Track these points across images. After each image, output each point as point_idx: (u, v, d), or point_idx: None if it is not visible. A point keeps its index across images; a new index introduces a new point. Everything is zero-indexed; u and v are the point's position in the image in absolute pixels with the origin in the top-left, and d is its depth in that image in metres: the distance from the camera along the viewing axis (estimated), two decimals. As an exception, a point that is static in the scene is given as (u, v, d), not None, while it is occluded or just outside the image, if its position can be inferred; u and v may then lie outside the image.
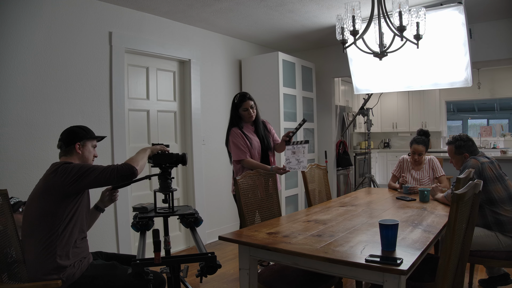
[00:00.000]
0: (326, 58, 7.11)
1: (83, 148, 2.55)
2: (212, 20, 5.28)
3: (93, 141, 2.65)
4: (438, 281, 1.90)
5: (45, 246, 2.27)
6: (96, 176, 2.29)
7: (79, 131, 2.57)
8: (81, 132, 2.57)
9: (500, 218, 3.08)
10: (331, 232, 2.50)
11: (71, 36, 4.09)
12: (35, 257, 2.27)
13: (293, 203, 6.43)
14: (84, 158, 2.57)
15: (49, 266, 2.26)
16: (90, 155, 2.61)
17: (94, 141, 2.66)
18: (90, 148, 2.61)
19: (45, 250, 2.27)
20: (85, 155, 2.57)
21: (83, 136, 2.56)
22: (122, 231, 4.46)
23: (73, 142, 2.52)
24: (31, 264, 2.29)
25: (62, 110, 4.00)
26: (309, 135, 6.88)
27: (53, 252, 2.27)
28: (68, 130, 2.59)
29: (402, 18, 3.14)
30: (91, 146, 2.62)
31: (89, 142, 2.61)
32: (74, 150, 2.52)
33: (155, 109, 5.09)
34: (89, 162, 2.60)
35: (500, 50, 5.43)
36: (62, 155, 2.55)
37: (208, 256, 2.20)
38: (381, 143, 10.98)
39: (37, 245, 2.27)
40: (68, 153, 2.53)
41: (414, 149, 4.17)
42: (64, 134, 2.57)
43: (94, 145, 2.66)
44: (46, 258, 2.26)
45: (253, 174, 3.30)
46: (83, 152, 2.55)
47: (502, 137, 10.00)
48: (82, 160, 2.56)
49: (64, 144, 2.53)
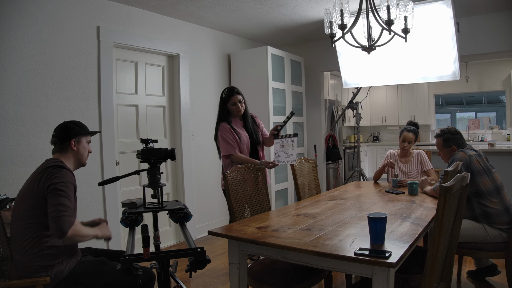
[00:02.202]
0: (315, 52, 7.11)
1: (78, 145, 2.52)
2: (201, 14, 5.25)
3: (87, 136, 2.61)
4: (427, 273, 1.92)
5: (33, 244, 2.24)
6: (53, 204, 2.18)
7: (73, 127, 2.52)
8: (76, 128, 2.52)
9: (487, 210, 3.11)
10: (321, 226, 2.51)
11: (58, 31, 4.04)
12: (23, 255, 2.25)
13: (283, 197, 6.45)
14: (79, 154, 2.54)
15: (37, 263, 2.24)
16: (85, 151, 2.58)
17: (88, 136, 2.62)
18: (85, 144, 2.58)
19: (33, 248, 2.24)
20: (80, 151, 2.53)
21: (78, 132, 2.52)
22: (111, 227, 4.32)
23: (69, 138, 2.47)
24: (19, 261, 2.26)
25: (50, 106, 3.96)
26: (298, 129, 6.88)
27: (41, 249, 2.25)
28: (63, 126, 2.53)
29: (390, 12, 3.14)
30: (86, 142, 2.59)
31: (84, 138, 2.57)
32: (69, 146, 2.48)
33: (144, 104, 5.06)
34: (83, 159, 2.58)
35: (488, 44, 5.47)
36: (56, 151, 2.50)
37: (197, 251, 2.20)
38: (370, 137, 11.04)
39: (25, 242, 2.25)
40: (63, 150, 2.49)
41: (405, 136, 4.19)
42: (59, 130, 2.50)
43: (89, 141, 2.62)
44: (34, 256, 2.24)
45: (242, 168, 3.30)
46: (78, 149, 2.52)
47: (489, 130, 10.09)
48: (77, 157, 2.53)
49: (58, 141, 2.48)
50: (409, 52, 5.05)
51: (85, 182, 4.20)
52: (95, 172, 4.32)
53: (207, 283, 3.90)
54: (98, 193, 4.35)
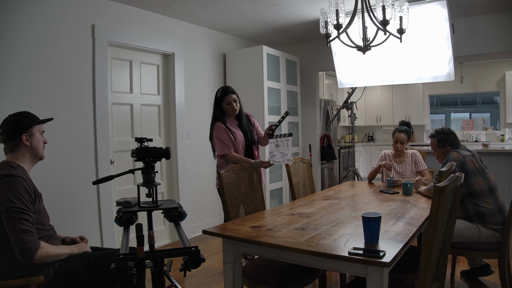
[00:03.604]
0: (311, 52, 7.12)
1: (30, 139, 2.32)
2: (196, 13, 5.24)
3: (40, 126, 2.40)
4: (421, 273, 1.92)
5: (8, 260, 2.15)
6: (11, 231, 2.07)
7: (22, 120, 2.31)
8: (24, 121, 2.31)
9: (481, 210, 3.13)
10: (315, 225, 2.51)
11: (53, 29, 4.02)
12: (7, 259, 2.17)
13: (277, 196, 6.45)
14: (34, 148, 2.35)
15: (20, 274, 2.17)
16: (40, 144, 2.40)
17: (41, 126, 2.41)
18: (38, 136, 2.38)
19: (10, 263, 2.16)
20: (34, 145, 2.35)
21: (28, 124, 2.32)
22: (106, 226, 4.42)
23: (19, 133, 2.28)
24: (3, 265, 2.18)
25: (44, 104, 3.93)
26: (293, 129, 6.89)
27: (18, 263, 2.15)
28: (9, 121, 2.31)
29: (385, 12, 3.15)
30: (39, 134, 2.39)
31: (36, 129, 2.36)
32: (21, 142, 2.29)
33: (139, 103, 5.05)
34: (39, 152, 2.40)
35: (482, 45, 5.49)
36: (8, 151, 2.31)
37: (192, 250, 2.20)
38: (365, 137, 11.07)
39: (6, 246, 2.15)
40: (15, 148, 2.30)
41: (397, 137, 4.21)
42: (5, 126, 2.29)
43: (42, 131, 2.42)
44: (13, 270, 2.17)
45: (237, 168, 3.30)
46: (31, 143, 2.33)
47: (484, 131, 10.14)
48: (32, 152, 2.35)
49: (8, 138, 2.28)
50: (404, 52, 5.07)
51: (79, 181, 4.18)
52: (89, 171, 4.30)
53: (201, 282, 3.90)
54: (93, 192, 4.33)
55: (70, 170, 4.11)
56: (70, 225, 4.07)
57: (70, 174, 4.11)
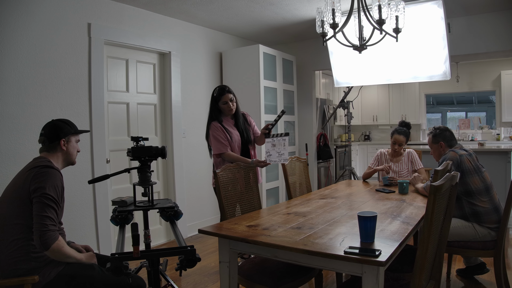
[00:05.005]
0: (307, 51, 7.12)
1: (68, 144, 2.48)
2: (193, 12, 5.24)
3: (77, 136, 2.58)
4: (416, 271, 1.93)
5: (19, 247, 2.18)
6: (39, 215, 2.15)
7: (63, 126, 2.48)
8: (65, 127, 2.48)
9: (476, 209, 3.14)
10: (311, 224, 2.51)
11: (49, 27, 4.00)
12: (9, 257, 2.18)
13: (274, 195, 6.45)
14: (69, 154, 2.50)
15: (24, 266, 2.18)
16: (74, 150, 2.55)
17: (78, 135, 2.59)
18: (74, 144, 2.54)
19: (19, 250, 2.18)
20: (69, 151, 2.50)
21: (68, 131, 2.48)
22: (101, 225, 4.41)
23: (58, 138, 2.43)
24: (4, 263, 2.19)
25: (40, 103, 3.92)
26: (290, 128, 6.89)
27: (27, 252, 2.18)
28: (52, 125, 2.48)
29: (381, 12, 3.15)
30: (75, 141, 2.55)
31: (74, 137, 2.54)
32: (59, 146, 2.44)
33: (135, 102, 5.04)
34: (73, 158, 2.54)
35: (478, 44, 5.51)
36: (44, 150, 2.46)
37: (187, 249, 2.20)
38: (361, 136, 11.08)
39: (10, 244, 2.19)
40: (52, 149, 2.44)
41: (395, 139, 4.21)
42: (47, 129, 2.45)
43: (78, 140, 2.59)
44: (20, 259, 2.18)
45: (233, 167, 3.29)
46: (67, 148, 2.48)
47: (479, 130, 10.18)
48: (66, 156, 2.49)
49: (48, 140, 2.43)
50: (400, 51, 5.07)
51: (75, 180, 4.17)
52: (85, 170, 4.29)
53: (197, 281, 3.89)
54: (88, 191, 4.32)
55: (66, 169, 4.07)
56: (65, 224, 3.99)
57: (66, 173, 4.08)
